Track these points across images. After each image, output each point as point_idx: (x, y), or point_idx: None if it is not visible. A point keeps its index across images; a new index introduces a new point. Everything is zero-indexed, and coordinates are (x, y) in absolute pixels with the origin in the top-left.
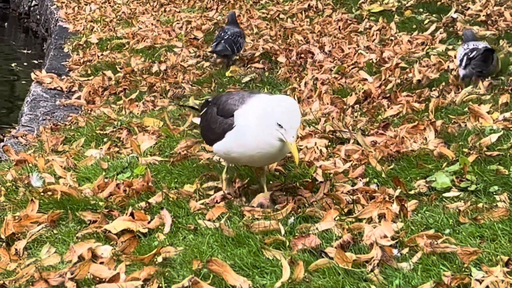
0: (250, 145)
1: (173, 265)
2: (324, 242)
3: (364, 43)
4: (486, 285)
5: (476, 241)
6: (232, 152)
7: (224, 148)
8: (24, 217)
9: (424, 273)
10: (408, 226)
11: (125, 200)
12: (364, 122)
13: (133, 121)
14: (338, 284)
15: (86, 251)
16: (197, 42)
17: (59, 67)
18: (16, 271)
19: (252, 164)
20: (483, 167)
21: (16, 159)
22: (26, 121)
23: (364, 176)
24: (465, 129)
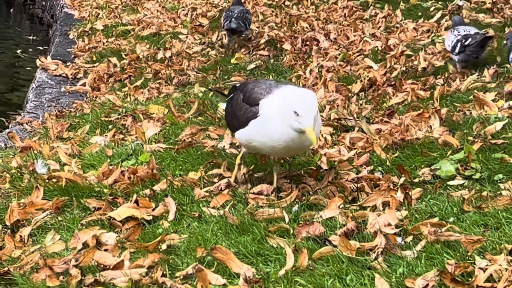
0: (272, 136)
1: (177, 252)
2: (328, 230)
3: (370, 31)
4: (490, 274)
5: (480, 229)
6: (254, 141)
7: (247, 136)
8: (29, 204)
9: (428, 261)
10: (412, 214)
11: (129, 187)
12: (369, 109)
13: (138, 108)
14: (342, 272)
15: (90, 238)
16: (202, 29)
17: (65, 53)
18: (21, 258)
19: (273, 155)
20: (487, 155)
21: (21, 146)
22: (31, 108)
23: (369, 164)
24: (470, 117)
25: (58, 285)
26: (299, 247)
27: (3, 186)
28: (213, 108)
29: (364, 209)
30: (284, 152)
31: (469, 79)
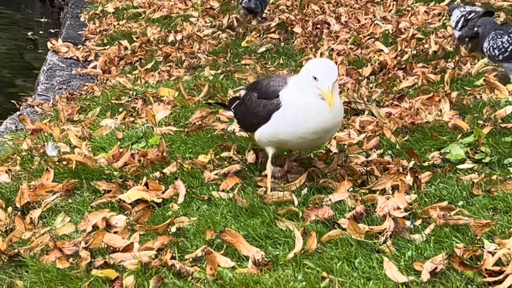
0: (300, 121)
1: (186, 235)
2: (337, 213)
3: (381, 14)
4: (498, 257)
5: (489, 213)
6: (280, 134)
7: (271, 131)
8: (39, 186)
9: (436, 245)
10: (421, 197)
11: (139, 170)
12: (379, 93)
13: (149, 91)
14: (351, 255)
15: (100, 221)
16: (213, 12)
17: (76, 36)
18: (31, 240)
19: (300, 146)
20: (497, 139)
21: (31, 128)
22: (42, 90)
23: (378, 148)
24: (481, 101)
25: (67, 267)
26: (308, 230)
27: (13, 169)
28: (223, 91)
29: (374, 193)
30: (313, 139)
31: (480, 62)
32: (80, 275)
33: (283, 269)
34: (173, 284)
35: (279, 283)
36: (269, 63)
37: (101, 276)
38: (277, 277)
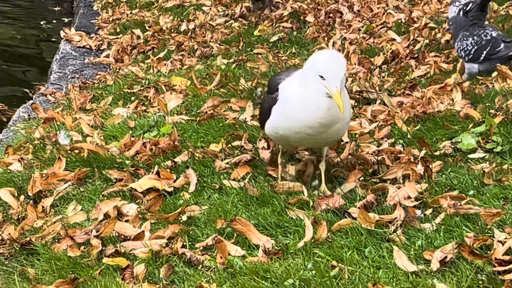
0: (296, 114)
1: (197, 223)
2: (347, 203)
3: (393, 3)
4: (509, 247)
5: (500, 202)
6: (279, 128)
7: (272, 126)
8: (51, 174)
9: (446, 234)
10: (432, 187)
11: (151, 158)
12: (391, 82)
13: (161, 80)
14: (361, 244)
15: (111, 209)
16: (225, 1)
17: (88, 25)
18: (43, 228)
19: (302, 143)
20: (509, 128)
21: (44, 116)
22: (55, 79)
23: (390, 137)
24: (493, 90)
25: (79, 255)
26: (318, 219)
27: (26, 157)
28: (235, 80)
29: (384, 182)
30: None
31: None
32: (91, 263)
33: (293, 258)
34: (183, 272)
35: (289, 271)
36: (281, 52)
37: (112, 264)
38: (287, 266)
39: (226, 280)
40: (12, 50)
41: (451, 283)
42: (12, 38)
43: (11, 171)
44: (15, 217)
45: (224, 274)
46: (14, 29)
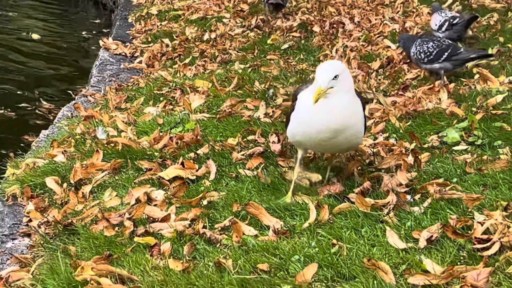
0: (308, 120)
1: (216, 207)
2: (347, 189)
3: (389, 15)
4: (487, 227)
5: (479, 188)
6: (297, 134)
7: (290, 132)
8: (90, 165)
9: (432, 216)
10: (421, 175)
11: (176, 151)
12: (386, 84)
13: (186, 82)
14: (358, 225)
15: (142, 195)
16: (243, 14)
17: (124, 35)
18: (83, 212)
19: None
20: (489, 124)
21: (84, 115)
22: (94, 82)
23: (384, 132)
24: (474, 91)
25: (113, 235)
26: (321, 203)
27: (68, 150)
28: (251, 83)
29: (379, 171)
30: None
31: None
32: (124, 241)
33: (299, 237)
34: (204, 249)
35: (295, 249)
36: (291, 58)
37: (142, 243)
38: (293, 244)
39: (240, 256)
40: (59, 57)
41: (436, 259)
42: (59, 47)
43: (55, 162)
44: (59, 202)
45: (239, 251)
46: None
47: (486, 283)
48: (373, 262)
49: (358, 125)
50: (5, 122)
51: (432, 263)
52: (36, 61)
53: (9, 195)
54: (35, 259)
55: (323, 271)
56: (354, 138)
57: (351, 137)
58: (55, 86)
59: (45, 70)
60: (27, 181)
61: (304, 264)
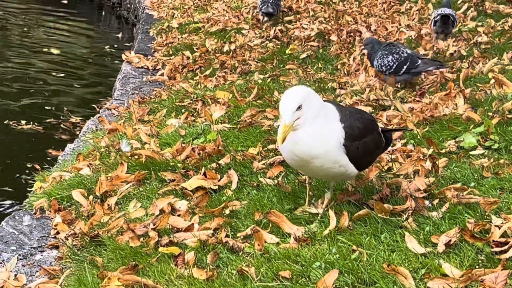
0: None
1: (238, 216)
2: (366, 195)
3: (405, 22)
4: (504, 230)
5: (496, 192)
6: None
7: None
8: (115, 177)
9: (451, 221)
10: (438, 180)
11: (199, 161)
12: (403, 91)
13: (207, 94)
14: (377, 231)
15: (166, 206)
16: (261, 25)
17: (146, 48)
18: (108, 223)
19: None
20: (505, 128)
21: (109, 128)
22: (118, 96)
23: (402, 138)
24: (490, 96)
25: (139, 246)
26: (341, 210)
27: (94, 163)
28: (270, 93)
29: (398, 177)
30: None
31: (490, 62)
32: (149, 252)
33: (320, 244)
34: (227, 258)
35: (316, 255)
36: (309, 67)
37: (166, 253)
38: (314, 251)
39: (263, 264)
40: (83, 72)
41: (455, 263)
42: (83, 61)
43: (81, 175)
44: (85, 214)
45: (261, 258)
46: (85, 53)
47: (504, 286)
48: (393, 267)
49: (330, 154)
50: (32, 136)
51: (451, 267)
52: (61, 75)
53: (37, 208)
54: (63, 270)
55: (344, 277)
56: (332, 169)
57: (327, 167)
58: (79, 100)
59: (70, 84)
60: (54, 194)
61: (325, 271)
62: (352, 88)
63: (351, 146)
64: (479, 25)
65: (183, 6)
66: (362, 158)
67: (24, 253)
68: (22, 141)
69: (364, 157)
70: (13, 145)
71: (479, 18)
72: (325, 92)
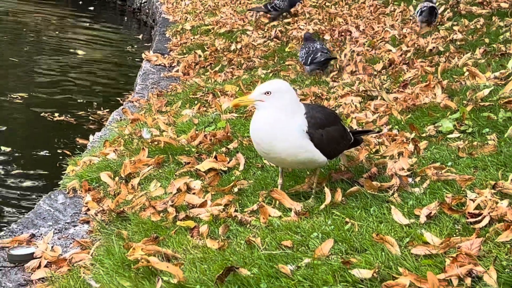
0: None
1: (245, 194)
2: (357, 174)
3: (390, 23)
4: (478, 204)
5: (471, 170)
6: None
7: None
8: (138, 161)
9: (431, 196)
10: (420, 160)
11: (210, 146)
12: (389, 83)
13: (217, 87)
14: (367, 205)
15: (182, 185)
16: (263, 26)
17: (163, 48)
18: (132, 201)
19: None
20: (477, 114)
21: (131, 118)
22: (139, 90)
23: (388, 124)
24: (465, 86)
25: (159, 220)
26: (335, 187)
27: (119, 148)
28: None
29: (384, 158)
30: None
31: (464, 57)
32: (168, 225)
33: (317, 217)
34: (236, 230)
35: (314, 227)
36: None
37: (183, 226)
38: (312, 223)
39: (267, 235)
40: (108, 69)
41: (435, 232)
42: (108, 61)
43: (108, 159)
44: (112, 193)
45: (266, 230)
46: (109, 53)
47: (478, 251)
48: (381, 237)
49: (291, 137)
50: (65, 127)
51: (431, 235)
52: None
53: (70, 188)
54: (93, 242)
55: (338, 246)
56: (300, 152)
57: (295, 150)
58: (105, 95)
59: (96, 81)
60: (85, 176)
61: (322, 240)
62: (343, 81)
63: (315, 133)
64: (455, 24)
65: (195, 10)
66: (328, 146)
67: (59, 227)
68: (56, 131)
69: (330, 145)
70: (49, 134)
71: (454, 18)
72: (320, 84)
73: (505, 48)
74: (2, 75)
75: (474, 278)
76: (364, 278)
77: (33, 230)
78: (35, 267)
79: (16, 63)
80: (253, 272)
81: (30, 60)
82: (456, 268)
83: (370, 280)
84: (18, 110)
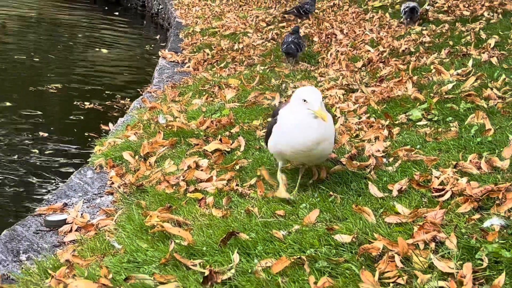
0: (292, 133)
1: (245, 171)
2: (339, 155)
3: (369, 27)
4: (441, 180)
5: (436, 152)
6: (278, 143)
7: (273, 142)
8: (154, 142)
9: (402, 173)
10: (393, 143)
11: (216, 131)
12: (367, 78)
13: (222, 80)
14: (348, 181)
15: (192, 163)
16: (262, 29)
17: (176, 47)
18: (150, 176)
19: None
20: (442, 105)
21: (149, 106)
22: (156, 82)
23: (367, 113)
24: (432, 81)
25: (172, 192)
26: (320, 166)
27: (138, 132)
28: (269, 80)
29: (363, 141)
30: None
31: (432, 56)
32: (179, 196)
33: (305, 191)
34: (237, 201)
35: (303, 199)
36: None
37: (192, 197)
38: (301, 195)
39: (263, 205)
40: (129, 65)
41: (405, 204)
42: (130, 58)
43: (129, 141)
44: (133, 169)
45: (262, 201)
46: (131, 51)
47: (441, 220)
48: (359, 207)
49: (332, 138)
50: (94, 113)
51: (402, 207)
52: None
53: (97, 165)
54: (116, 210)
55: (323, 215)
56: (329, 149)
57: (327, 148)
58: (128, 86)
59: (121, 74)
60: (110, 154)
61: (309, 210)
62: (329, 76)
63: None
64: (424, 29)
65: (204, 15)
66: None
67: (87, 198)
68: (87, 117)
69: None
70: (80, 119)
71: (423, 24)
72: (309, 79)
73: (466, 50)
74: (40, 68)
75: (437, 243)
76: (345, 242)
77: (66, 200)
78: (67, 231)
79: (52, 58)
80: (251, 237)
81: (63, 56)
82: (422, 234)
83: (350, 244)
84: (54, 98)
